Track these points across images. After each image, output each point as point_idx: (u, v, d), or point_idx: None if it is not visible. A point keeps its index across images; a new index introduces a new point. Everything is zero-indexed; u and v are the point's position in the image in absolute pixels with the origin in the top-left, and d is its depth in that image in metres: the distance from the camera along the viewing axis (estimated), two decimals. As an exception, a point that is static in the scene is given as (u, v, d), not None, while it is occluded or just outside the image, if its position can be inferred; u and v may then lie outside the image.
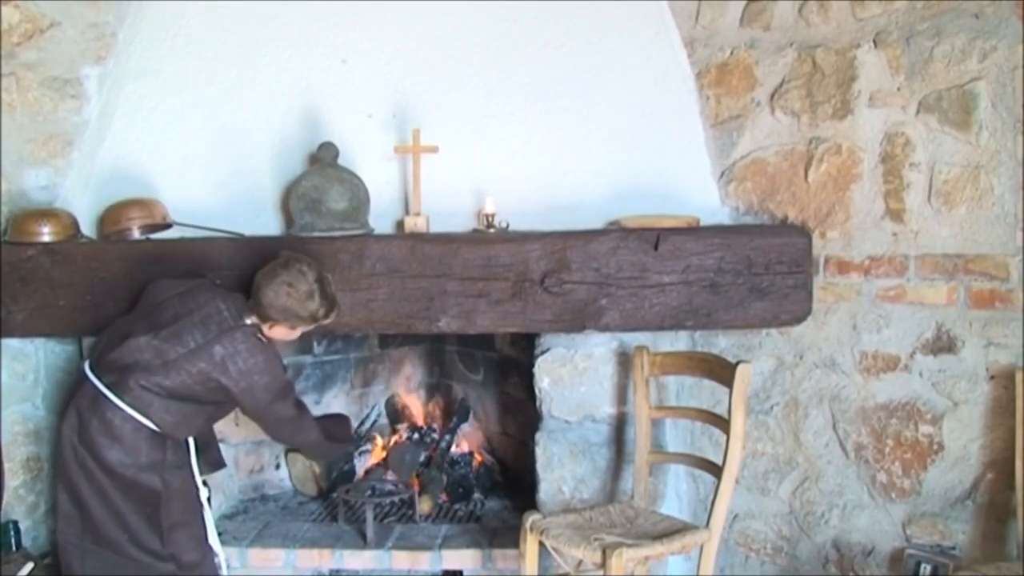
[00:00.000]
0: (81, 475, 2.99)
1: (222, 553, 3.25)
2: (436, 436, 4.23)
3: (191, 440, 3.13)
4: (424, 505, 3.81)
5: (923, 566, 3.17)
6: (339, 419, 3.52)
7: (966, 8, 3.07)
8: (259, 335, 3.03)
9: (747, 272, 3.27)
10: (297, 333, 3.11)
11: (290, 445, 3.22)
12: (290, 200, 3.47)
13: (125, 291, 3.36)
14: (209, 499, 3.20)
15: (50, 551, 3.56)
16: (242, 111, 3.60)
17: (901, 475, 3.28)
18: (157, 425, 2.98)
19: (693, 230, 3.37)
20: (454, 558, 3.51)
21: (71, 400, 3.07)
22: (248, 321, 3.02)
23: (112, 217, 3.48)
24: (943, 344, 3.19)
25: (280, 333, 3.07)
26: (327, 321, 3.07)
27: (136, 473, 2.98)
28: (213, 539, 3.20)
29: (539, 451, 3.49)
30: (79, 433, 2.99)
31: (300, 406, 3.20)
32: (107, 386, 2.97)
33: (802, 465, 3.46)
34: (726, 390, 3.12)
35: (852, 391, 3.35)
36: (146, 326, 3.02)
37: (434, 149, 3.49)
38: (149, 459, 2.99)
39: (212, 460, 3.32)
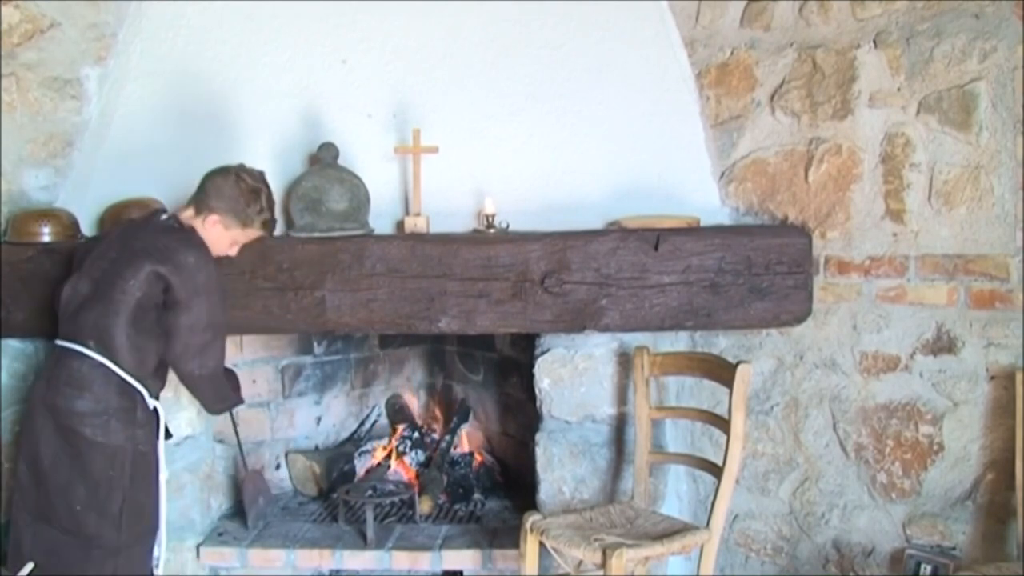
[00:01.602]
0: (45, 438, 2.95)
1: (163, 550, 3.17)
2: (436, 436, 4.23)
3: (160, 410, 3.08)
4: (424, 505, 3.81)
5: (923, 566, 3.17)
6: (229, 372, 3.42)
7: (966, 8, 3.07)
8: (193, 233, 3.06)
9: (747, 272, 3.27)
10: (228, 244, 3.12)
11: (191, 367, 3.03)
12: (290, 200, 3.47)
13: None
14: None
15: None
16: (242, 111, 3.60)
17: (901, 475, 3.28)
18: (120, 362, 2.93)
19: (693, 230, 3.37)
20: (454, 558, 3.51)
21: (37, 377, 3.07)
22: (182, 220, 3.06)
23: (112, 217, 3.49)
24: (943, 344, 3.19)
25: (215, 236, 3.07)
26: (261, 232, 3.14)
27: (106, 422, 2.93)
28: (162, 530, 3.14)
29: (539, 451, 3.49)
30: (46, 393, 2.96)
31: (221, 327, 3.11)
32: (67, 339, 2.97)
33: (802, 465, 3.46)
34: (726, 390, 3.12)
35: (852, 391, 3.35)
36: (74, 274, 3.05)
37: (434, 149, 3.49)
38: (119, 405, 2.95)
39: (227, 396, 3.29)
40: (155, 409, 3.07)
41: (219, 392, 3.23)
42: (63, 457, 2.94)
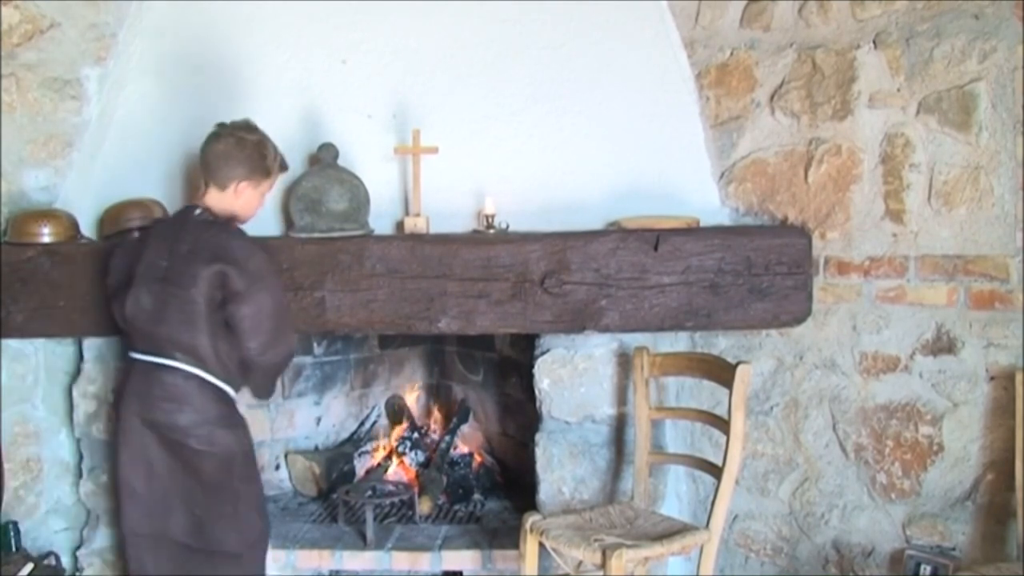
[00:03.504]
0: (153, 451, 2.94)
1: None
2: (436, 437, 4.23)
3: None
4: (424, 506, 3.81)
5: (923, 567, 3.17)
6: None
7: (966, 9, 3.07)
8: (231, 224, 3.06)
9: (747, 273, 3.27)
10: (259, 201, 3.14)
11: (267, 357, 3.01)
12: (290, 201, 3.47)
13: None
14: None
15: (50, 551, 3.57)
16: (242, 111, 3.58)
17: (901, 476, 3.28)
18: (210, 370, 2.93)
19: (693, 231, 3.37)
20: (454, 559, 3.50)
21: (121, 394, 3.02)
22: (212, 207, 3.05)
23: (112, 218, 3.48)
24: (943, 345, 3.19)
25: (248, 199, 3.08)
26: (283, 172, 3.17)
27: (211, 432, 2.94)
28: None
29: (539, 452, 3.48)
30: (142, 409, 2.94)
31: (285, 309, 3.11)
32: (149, 354, 2.95)
33: (802, 466, 3.46)
34: (726, 391, 3.12)
35: (852, 392, 3.35)
36: (133, 287, 2.99)
37: (434, 150, 3.49)
38: (219, 413, 2.96)
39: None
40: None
41: (276, 379, 3.26)
42: (176, 466, 2.95)
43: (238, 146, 3.06)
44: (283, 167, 3.20)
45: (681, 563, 3.47)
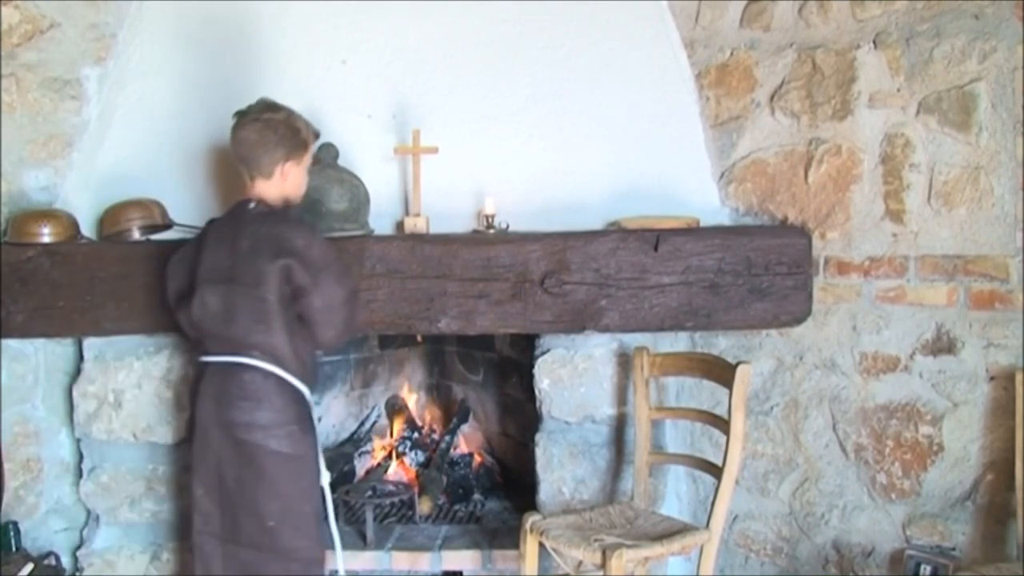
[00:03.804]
0: (225, 457, 2.87)
1: (341, 560, 3.15)
2: (436, 437, 4.23)
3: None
4: (424, 506, 3.81)
5: (923, 567, 3.17)
6: None
7: (966, 9, 3.07)
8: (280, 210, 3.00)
9: (747, 273, 3.27)
10: (305, 170, 3.08)
11: (341, 342, 3.01)
12: (290, 201, 3.47)
13: (125, 292, 3.36)
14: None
15: (50, 551, 3.57)
16: (242, 111, 3.60)
17: (901, 476, 3.28)
18: (288, 369, 2.88)
19: (693, 231, 3.37)
20: (454, 559, 3.51)
21: (196, 397, 2.94)
22: (265, 197, 2.99)
23: (112, 218, 3.48)
24: (943, 345, 3.19)
25: (295, 178, 3.03)
26: (317, 139, 3.11)
27: (290, 433, 2.88)
28: (335, 535, 3.08)
29: (539, 452, 3.48)
30: (218, 411, 2.87)
31: (354, 292, 3.05)
32: (224, 354, 2.90)
33: (802, 466, 3.46)
34: (726, 391, 3.12)
35: (852, 392, 3.35)
36: (197, 290, 2.92)
37: (434, 150, 3.49)
38: (297, 414, 2.91)
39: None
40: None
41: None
42: (247, 475, 2.86)
43: (269, 129, 2.96)
44: (316, 134, 3.13)
45: (681, 563, 3.47)
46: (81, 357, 3.59)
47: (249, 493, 2.87)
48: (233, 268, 2.89)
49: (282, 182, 3.01)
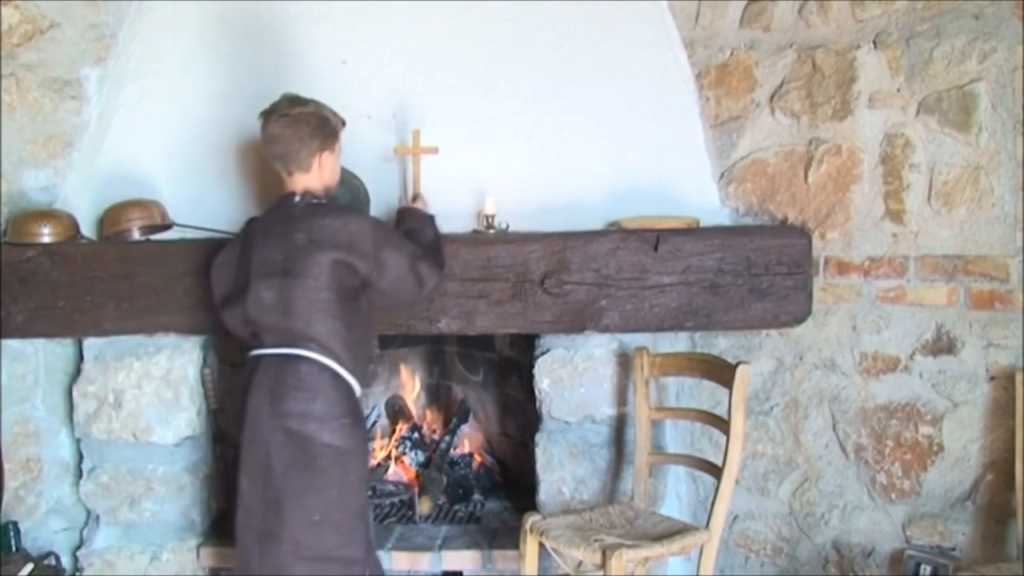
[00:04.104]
0: (276, 447, 2.83)
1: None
2: (436, 437, 4.23)
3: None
4: (424, 506, 3.81)
5: (923, 567, 3.17)
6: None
7: (966, 9, 3.07)
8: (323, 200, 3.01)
9: (747, 273, 3.27)
10: (338, 157, 3.08)
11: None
12: (290, 201, 3.47)
13: (125, 292, 3.36)
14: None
15: (50, 552, 3.57)
16: (242, 111, 3.59)
17: (901, 476, 3.28)
18: (343, 363, 2.88)
19: (693, 231, 3.37)
20: (454, 559, 3.50)
21: (248, 389, 2.90)
22: (310, 188, 3.00)
23: (112, 218, 3.48)
24: (943, 345, 3.19)
25: (331, 167, 3.04)
26: (344, 126, 3.09)
27: (343, 426, 2.86)
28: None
29: (539, 452, 3.49)
30: (272, 401, 2.84)
31: (414, 250, 3.04)
32: (281, 346, 2.88)
33: (802, 466, 3.46)
34: (726, 391, 3.12)
35: (852, 392, 3.35)
36: (251, 286, 2.91)
37: (434, 150, 3.49)
38: (350, 408, 2.90)
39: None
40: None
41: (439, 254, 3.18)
42: (295, 466, 2.83)
43: (301, 123, 2.96)
44: (343, 122, 3.12)
45: (681, 563, 3.47)
46: (81, 357, 3.59)
47: (297, 485, 2.84)
48: (287, 261, 2.89)
49: (320, 173, 3.02)
